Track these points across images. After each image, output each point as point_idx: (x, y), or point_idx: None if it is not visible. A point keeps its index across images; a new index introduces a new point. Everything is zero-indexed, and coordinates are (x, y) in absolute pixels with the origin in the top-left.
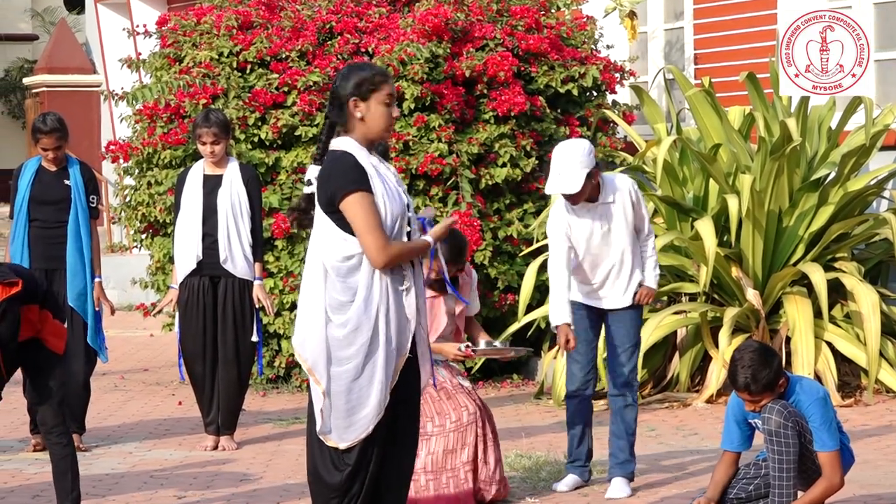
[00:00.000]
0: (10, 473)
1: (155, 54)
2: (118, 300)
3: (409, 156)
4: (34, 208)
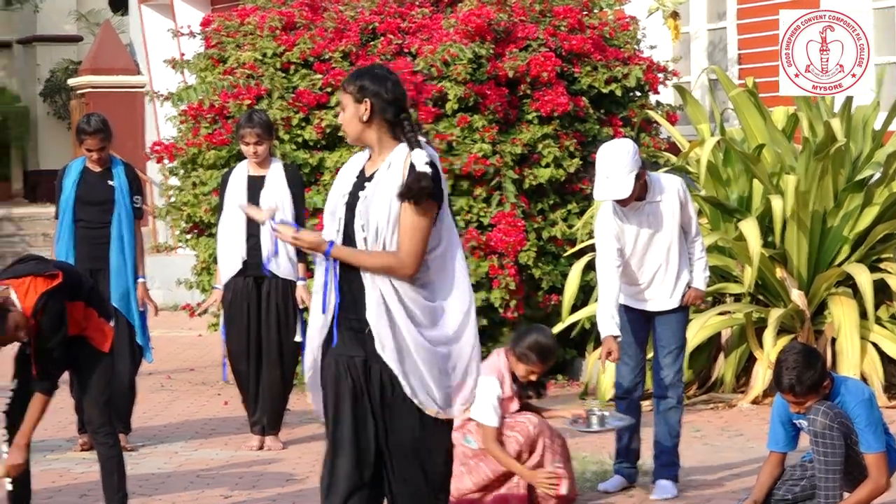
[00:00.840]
0: (57, 472)
1: (199, 55)
2: (163, 300)
3: (452, 156)
4: (79, 209)
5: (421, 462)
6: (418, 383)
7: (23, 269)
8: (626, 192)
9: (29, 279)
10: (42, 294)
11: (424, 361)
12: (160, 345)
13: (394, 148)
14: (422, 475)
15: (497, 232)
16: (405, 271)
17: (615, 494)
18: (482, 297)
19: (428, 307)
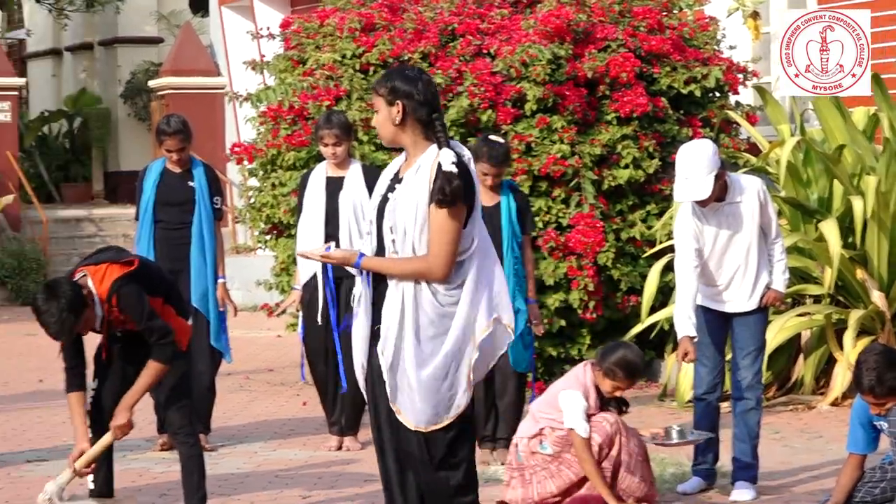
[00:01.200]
0: (137, 472)
1: (278, 56)
2: (243, 301)
3: (531, 157)
4: (159, 210)
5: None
6: (405, 397)
7: (101, 257)
8: (706, 192)
9: (105, 266)
10: (116, 279)
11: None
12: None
13: (427, 149)
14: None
15: (576, 233)
16: (436, 275)
17: (694, 496)
18: (560, 299)
19: (441, 324)
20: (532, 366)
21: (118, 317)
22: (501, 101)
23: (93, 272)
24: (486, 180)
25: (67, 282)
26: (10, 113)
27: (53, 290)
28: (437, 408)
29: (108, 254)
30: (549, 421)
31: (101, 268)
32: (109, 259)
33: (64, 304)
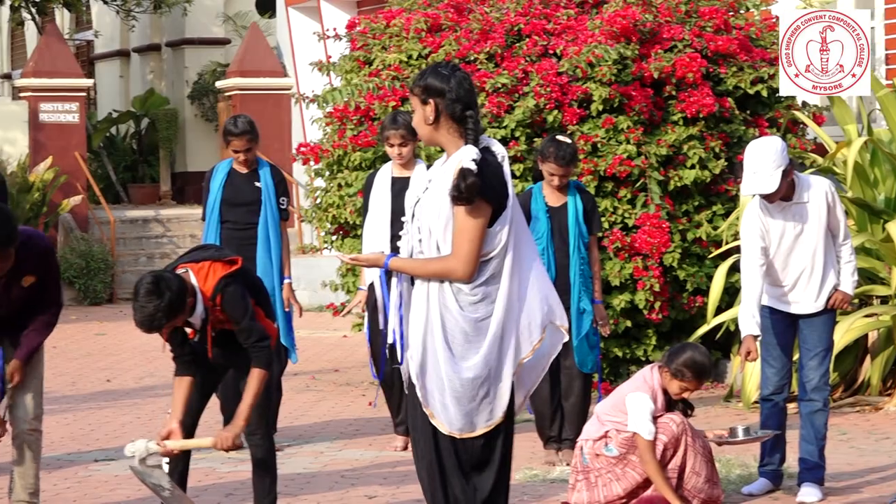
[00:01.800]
0: (203, 472)
1: (345, 57)
2: (309, 301)
3: (597, 157)
4: (226, 210)
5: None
6: (437, 402)
7: (202, 254)
8: (773, 186)
9: (209, 264)
10: (221, 278)
11: (448, 385)
12: (305, 345)
13: (460, 148)
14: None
15: (641, 233)
16: (458, 274)
17: (760, 497)
18: (626, 299)
19: (470, 326)
20: (598, 367)
21: (219, 316)
22: (567, 102)
23: (196, 270)
24: (552, 181)
25: (175, 278)
26: (79, 114)
27: (159, 286)
28: (472, 415)
29: (208, 251)
30: (615, 423)
31: (203, 265)
32: (211, 257)
33: (164, 303)
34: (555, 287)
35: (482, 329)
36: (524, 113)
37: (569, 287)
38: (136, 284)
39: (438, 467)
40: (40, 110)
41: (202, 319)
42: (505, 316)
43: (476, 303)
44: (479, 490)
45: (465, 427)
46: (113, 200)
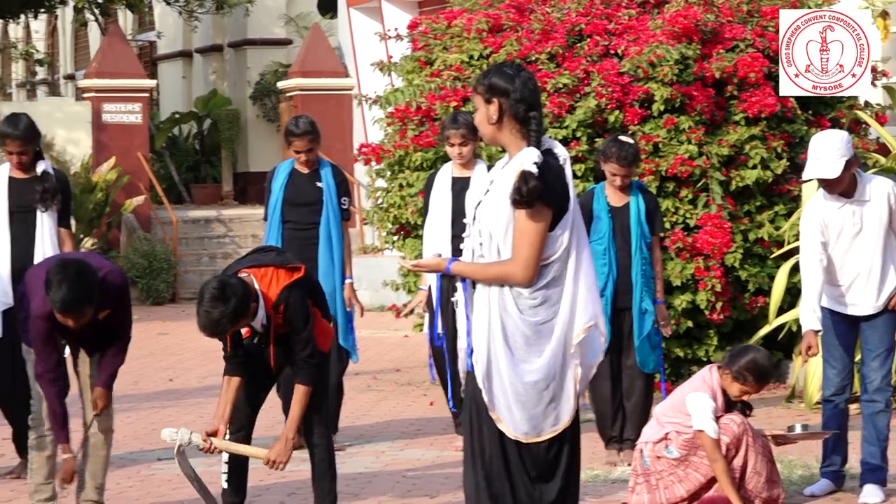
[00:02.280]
0: (265, 471)
1: (406, 58)
2: (370, 301)
3: (658, 157)
4: (287, 210)
5: (519, 479)
6: (502, 405)
7: (263, 259)
8: (835, 172)
9: (271, 270)
10: (286, 286)
11: (511, 389)
12: (366, 345)
13: (522, 149)
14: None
15: (703, 234)
16: (517, 279)
17: (822, 498)
18: (688, 300)
19: (530, 329)
20: (660, 367)
21: (279, 323)
22: (629, 102)
23: (259, 276)
24: (615, 181)
25: (240, 284)
26: (141, 115)
27: (224, 291)
28: (537, 419)
29: (269, 256)
30: (675, 425)
31: (266, 272)
32: (273, 263)
33: (229, 309)
34: (616, 287)
35: (543, 333)
36: (585, 113)
37: (630, 287)
38: (201, 289)
39: (506, 472)
40: (103, 111)
41: (263, 325)
42: (568, 319)
43: (536, 306)
44: (545, 496)
45: (530, 431)
46: (175, 200)
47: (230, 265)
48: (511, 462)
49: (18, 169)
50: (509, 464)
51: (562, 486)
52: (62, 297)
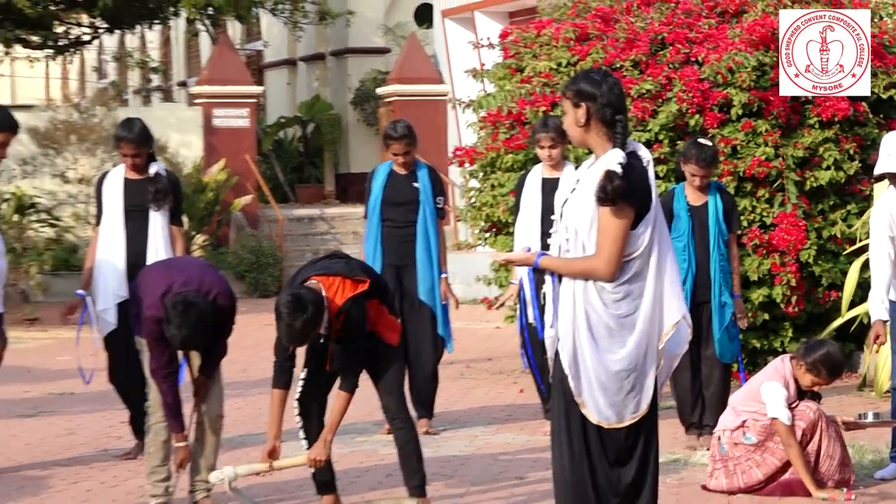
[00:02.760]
0: (365, 454)
1: (498, 65)
2: (464, 295)
3: (736, 159)
4: (386, 209)
5: (598, 463)
6: (586, 392)
7: (333, 267)
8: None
9: (339, 280)
10: (349, 298)
11: (595, 377)
12: (461, 336)
13: (608, 151)
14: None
15: (779, 231)
16: (601, 274)
17: (891, 482)
18: (764, 294)
19: (614, 321)
20: (738, 357)
21: (338, 328)
22: (709, 107)
23: (326, 284)
24: (694, 181)
25: (313, 296)
26: (249, 119)
27: (300, 304)
28: (618, 407)
29: (338, 265)
30: (751, 413)
31: (334, 281)
32: (341, 272)
33: (309, 316)
34: (695, 281)
35: (625, 325)
36: (667, 117)
37: (709, 282)
38: (277, 306)
39: (587, 456)
40: (213, 116)
41: (326, 328)
42: (650, 313)
43: (619, 300)
44: (622, 479)
45: (612, 418)
46: (281, 200)
47: (302, 268)
48: (592, 446)
49: (133, 170)
50: (590, 448)
51: (637, 469)
52: (182, 337)
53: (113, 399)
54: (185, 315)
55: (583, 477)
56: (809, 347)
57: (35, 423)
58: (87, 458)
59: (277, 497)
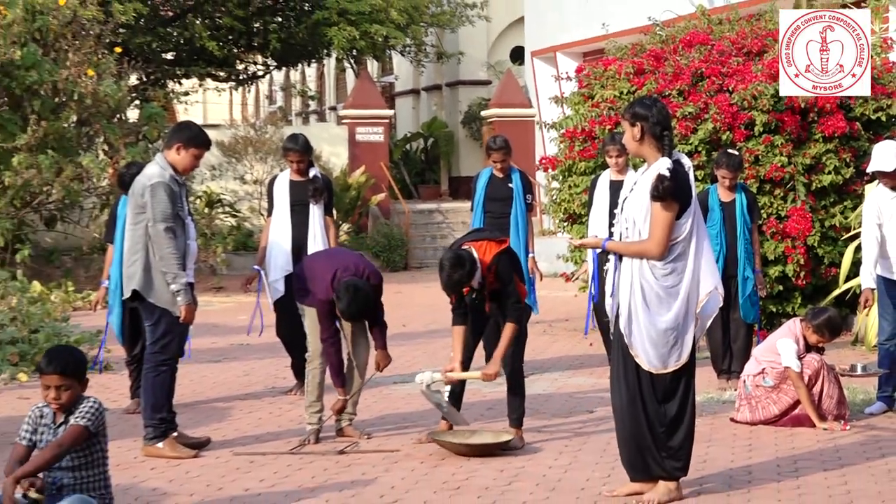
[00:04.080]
0: (471, 392)
1: (574, 93)
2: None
3: (758, 166)
4: (487, 204)
5: (649, 400)
6: (639, 345)
7: (478, 235)
8: (891, 166)
9: (485, 242)
10: (497, 253)
11: (646, 334)
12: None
13: (658, 159)
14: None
15: (791, 222)
16: (652, 254)
17: (878, 416)
18: (779, 270)
19: (662, 290)
20: (758, 318)
21: (492, 281)
22: (737, 125)
23: (477, 247)
24: (725, 182)
25: (469, 256)
26: (383, 135)
27: (460, 260)
28: (664, 357)
29: (483, 233)
30: (769, 363)
31: (482, 244)
32: (486, 238)
33: (465, 271)
34: (725, 260)
35: (672, 293)
36: (705, 133)
37: (736, 260)
38: (441, 260)
39: (640, 395)
40: (356, 132)
41: (479, 283)
42: (690, 285)
43: (667, 275)
44: (667, 413)
45: (659, 365)
46: (407, 197)
47: (457, 240)
48: (644, 387)
49: (297, 174)
50: (642, 388)
51: (679, 405)
52: (352, 312)
53: (279, 349)
54: (354, 295)
55: (636, 411)
56: (815, 313)
57: (220, 367)
58: (259, 394)
59: (411, 421)
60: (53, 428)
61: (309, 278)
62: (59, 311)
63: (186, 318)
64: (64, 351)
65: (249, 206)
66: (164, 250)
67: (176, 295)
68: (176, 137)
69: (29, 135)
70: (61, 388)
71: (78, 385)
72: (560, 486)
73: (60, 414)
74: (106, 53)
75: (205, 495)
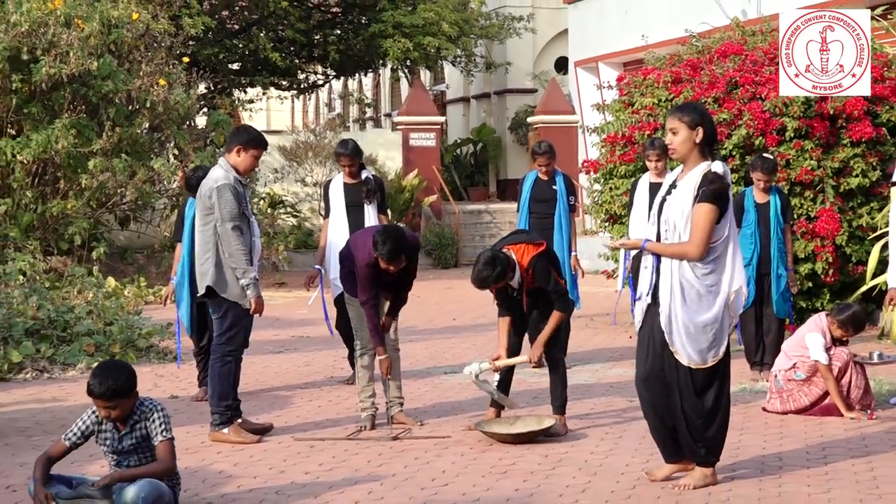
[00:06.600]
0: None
1: (615, 101)
2: (589, 267)
3: (789, 169)
4: (532, 205)
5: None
6: (679, 341)
7: (518, 238)
8: None
9: (523, 245)
10: (533, 256)
11: (685, 330)
12: (586, 297)
13: (699, 164)
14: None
15: (820, 222)
16: (692, 256)
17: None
18: (809, 267)
19: (703, 289)
20: (790, 313)
21: (531, 281)
22: (769, 131)
23: (515, 250)
24: (759, 185)
25: (503, 256)
26: (435, 140)
27: (494, 262)
28: (702, 353)
29: (522, 236)
30: (799, 357)
31: (520, 247)
32: (524, 240)
33: (495, 273)
34: (759, 258)
35: (711, 292)
36: (739, 139)
37: (770, 259)
38: (478, 256)
39: (677, 388)
40: (410, 138)
41: (518, 282)
42: (727, 287)
43: (706, 274)
44: (704, 405)
45: (698, 361)
46: (458, 198)
47: (498, 241)
48: (682, 381)
49: (349, 177)
50: (680, 383)
51: (714, 397)
52: (388, 250)
53: (337, 341)
54: (388, 233)
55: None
56: (841, 309)
57: (281, 358)
58: (318, 383)
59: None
60: (118, 436)
61: (353, 247)
62: (132, 306)
63: (256, 309)
64: (111, 375)
65: (309, 207)
66: (232, 247)
67: (246, 289)
68: (235, 140)
69: (104, 140)
70: (112, 408)
71: (128, 399)
72: (601, 470)
73: (122, 425)
74: (176, 64)
75: (267, 478)
